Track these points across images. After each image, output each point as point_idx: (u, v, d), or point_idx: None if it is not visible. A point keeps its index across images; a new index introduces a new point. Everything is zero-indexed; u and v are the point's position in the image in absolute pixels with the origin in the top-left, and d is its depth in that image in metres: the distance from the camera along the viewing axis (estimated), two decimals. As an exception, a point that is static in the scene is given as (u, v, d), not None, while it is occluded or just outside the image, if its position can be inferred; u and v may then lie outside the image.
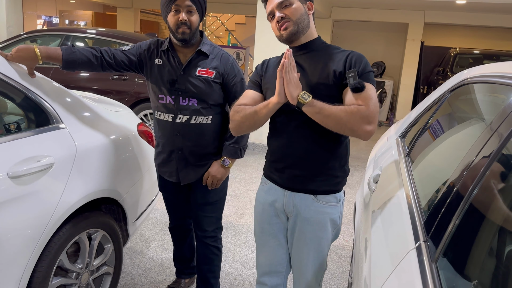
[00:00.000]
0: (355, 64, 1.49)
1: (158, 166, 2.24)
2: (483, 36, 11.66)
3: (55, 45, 5.64)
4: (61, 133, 1.89)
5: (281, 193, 1.67)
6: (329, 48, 1.60)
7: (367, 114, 1.40)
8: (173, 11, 1.91)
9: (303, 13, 1.56)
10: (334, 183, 1.62)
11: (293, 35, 1.56)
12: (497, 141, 1.12)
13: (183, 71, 2.00)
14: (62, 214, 1.79)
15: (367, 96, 1.43)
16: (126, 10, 12.05)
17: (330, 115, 1.42)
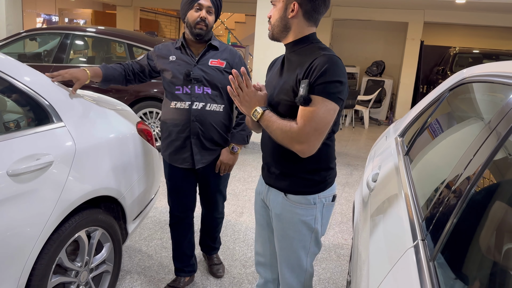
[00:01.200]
0: (313, 72, 1.41)
1: (169, 155, 2.36)
2: (483, 36, 11.66)
3: (55, 44, 5.64)
4: (60, 131, 1.89)
5: (264, 186, 1.74)
6: (311, 48, 1.53)
7: (298, 134, 1.41)
8: (195, 8, 2.18)
9: (279, 17, 1.54)
10: (306, 184, 1.59)
11: (272, 38, 1.60)
12: (495, 140, 1.12)
13: (197, 62, 2.25)
14: (61, 212, 1.80)
15: (306, 114, 1.41)
16: (125, 8, 12.04)
17: (272, 132, 1.49)
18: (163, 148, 2.40)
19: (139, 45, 5.53)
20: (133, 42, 5.54)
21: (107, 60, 5.95)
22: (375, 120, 9.22)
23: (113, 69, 2.24)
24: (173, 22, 16.39)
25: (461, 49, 9.64)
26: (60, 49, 5.52)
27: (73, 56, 5.82)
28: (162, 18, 15.61)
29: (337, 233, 3.54)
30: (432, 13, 9.22)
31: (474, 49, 9.85)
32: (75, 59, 5.87)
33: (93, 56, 6.09)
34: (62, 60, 5.48)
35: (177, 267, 2.58)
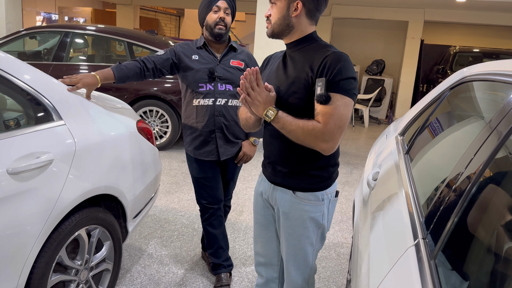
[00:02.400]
0: (328, 69, 1.42)
1: (194, 149, 2.46)
2: (483, 35, 11.66)
3: (54, 42, 5.63)
4: (60, 130, 1.89)
5: (268, 185, 1.72)
6: (318, 47, 1.53)
7: (322, 132, 1.41)
8: (213, 11, 2.32)
9: (282, 16, 1.53)
10: (314, 181, 1.61)
11: (272, 36, 1.59)
12: (496, 139, 1.12)
13: (220, 62, 2.40)
14: (61, 210, 1.79)
15: (328, 111, 1.41)
16: (125, 7, 12.03)
17: (290, 132, 1.46)
18: (187, 144, 2.50)
19: (139, 44, 5.53)
20: (133, 41, 5.53)
21: (107, 59, 5.94)
22: (375, 119, 9.22)
23: (127, 68, 2.28)
24: (173, 21, 16.39)
25: (461, 48, 9.64)
26: (60, 47, 5.51)
27: (73, 55, 5.81)
28: (162, 16, 15.60)
29: (337, 232, 3.54)
30: (432, 12, 9.21)
31: (474, 48, 9.85)
32: (75, 58, 5.87)
33: (93, 55, 6.08)
34: (62, 59, 5.48)
35: (215, 263, 2.61)
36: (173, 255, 2.95)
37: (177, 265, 2.82)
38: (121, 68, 2.27)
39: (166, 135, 5.49)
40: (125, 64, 2.31)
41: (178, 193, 4.11)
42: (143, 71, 2.33)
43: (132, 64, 2.31)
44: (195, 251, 3.01)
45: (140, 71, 2.32)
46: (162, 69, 2.37)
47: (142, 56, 2.38)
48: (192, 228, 3.37)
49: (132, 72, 2.30)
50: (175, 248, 3.04)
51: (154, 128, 5.47)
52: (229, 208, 2.81)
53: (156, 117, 5.44)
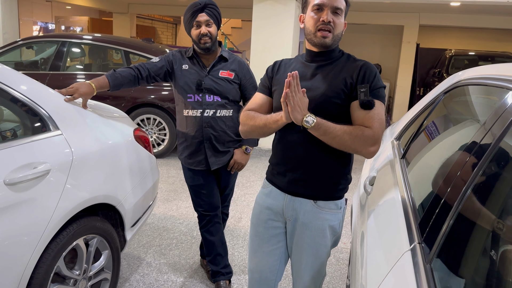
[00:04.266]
0: (368, 78, 1.49)
1: (185, 158, 2.48)
2: (478, 38, 11.73)
3: (51, 52, 5.64)
4: (57, 139, 1.89)
5: (281, 196, 1.66)
6: (345, 57, 1.61)
7: (372, 136, 1.44)
8: (195, 26, 2.30)
9: (342, 30, 1.58)
10: (336, 189, 1.61)
11: (326, 47, 1.57)
12: (489, 142, 1.13)
13: (208, 73, 2.38)
14: (59, 220, 1.79)
15: (374, 116, 1.46)
16: (122, 15, 12.07)
17: (335, 138, 1.45)
18: (180, 152, 2.52)
19: (135, 52, 5.54)
20: (130, 49, 5.55)
21: (104, 67, 5.96)
22: (373, 123, 9.23)
23: (122, 76, 2.30)
24: (169, 28, 16.44)
25: (456, 52, 9.69)
26: (57, 57, 5.53)
27: (70, 64, 5.83)
28: (159, 24, 15.65)
29: (336, 237, 3.53)
30: (427, 16, 9.27)
31: (470, 51, 9.90)
32: (72, 67, 5.88)
33: (89, 64, 6.10)
34: (59, 68, 5.49)
35: (214, 271, 2.61)
36: (172, 263, 2.94)
37: (176, 273, 2.81)
38: (115, 76, 2.29)
39: (164, 143, 5.49)
40: (119, 71, 2.32)
41: (176, 201, 4.11)
42: (137, 78, 2.35)
43: (127, 72, 2.33)
44: (194, 259, 3.01)
45: (134, 79, 2.34)
46: (156, 77, 2.39)
47: (137, 63, 2.40)
48: (190, 236, 3.36)
49: (127, 80, 2.32)
50: (173, 256, 3.03)
51: (151, 136, 5.47)
52: (227, 216, 2.81)
53: (154, 125, 5.44)
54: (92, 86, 2.19)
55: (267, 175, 1.77)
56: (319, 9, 1.53)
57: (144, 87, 5.22)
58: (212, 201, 2.52)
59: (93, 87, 2.19)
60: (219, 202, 2.57)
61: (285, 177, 1.64)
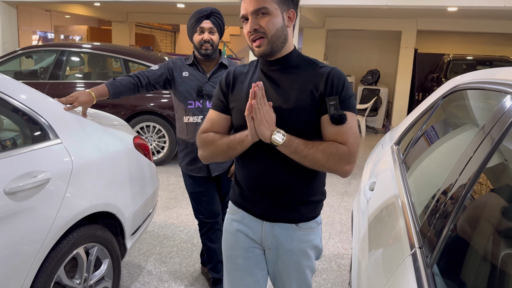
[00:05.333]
0: (337, 87, 1.33)
1: (186, 165, 2.47)
2: (476, 42, 11.78)
3: (51, 61, 5.66)
4: (57, 148, 1.90)
5: (258, 224, 1.48)
6: (307, 63, 1.42)
7: (348, 153, 1.30)
8: (198, 32, 2.32)
9: (279, 28, 1.34)
10: (317, 207, 1.49)
11: (267, 55, 1.37)
12: (488, 147, 1.13)
13: (209, 79, 2.41)
14: (59, 229, 1.79)
15: (347, 130, 1.31)
16: (121, 24, 12.13)
17: (307, 156, 1.30)
18: (180, 159, 2.52)
19: (135, 60, 5.57)
20: (129, 57, 5.57)
21: (104, 76, 5.98)
22: (372, 128, 9.25)
23: (121, 84, 2.31)
24: (168, 36, 16.51)
25: (455, 56, 9.72)
26: (56, 66, 5.55)
27: (69, 73, 5.85)
28: (158, 32, 15.73)
29: (337, 243, 3.53)
30: (424, 21, 9.31)
31: (468, 56, 9.93)
32: (71, 76, 5.90)
33: (89, 72, 6.12)
34: (58, 77, 5.51)
35: (215, 278, 2.61)
36: (172, 271, 2.93)
37: (177, 282, 2.80)
38: (115, 84, 2.30)
39: (164, 151, 5.49)
40: (119, 80, 2.33)
41: (176, 208, 4.10)
42: (137, 86, 2.36)
43: (126, 80, 2.34)
44: (194, 267, 3.00)
45: (134, 87, 2.35)
46: (155, 85, 2.40)
47: (137, 71, 2.41)
48: (191, 243, 3.35)
49: (126, 88, 2.33)
50: (174, 264, 3.02)
51: (151, 143, 5.48)
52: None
53: (153, 133, 5.45)
54: (91, 95, 2.20)
55: (234, 197, 1.56)
56: (246, 20, 1.36)
57: (144, 95, 5.23)
58: (212, 208, 2.52)
59: (93, 96, 2.20)
60: (220, 209, 2.57)
61: (261, 203, 1.45)
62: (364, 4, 6.02)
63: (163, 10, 11.38)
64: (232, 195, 1.57)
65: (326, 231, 3.75)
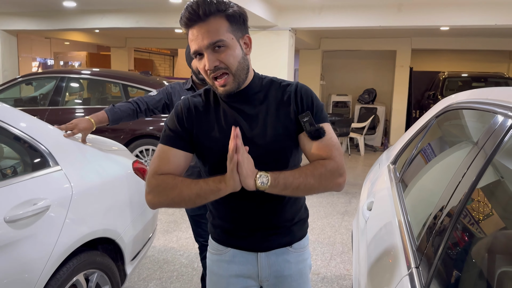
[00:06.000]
0: (306, 102, 1.28)
1: None
2: (470, 59, 11.94)
3: (50, 87, 5.73)
4: (57, 175, 1.92)
5: (252, 257, 1.39)
6: (269, 84, 1.34)
7: (336, 167, 1.22)
8: None
9: (241, 59, 1.23)
10: (305, 223, 1.45)
11: (234, 92, 1.26)
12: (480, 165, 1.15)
13: None
14: (59, 256, 1.80)
15: (328, 143, 1.25)
16: (119, 49, 12.30)
17: (299, 187, 1.19)
18: None
19: (134, 85, 5.64)
20: (128, 82, 5.64)
21: (103, 101, 6.04)
22: (371, 146, 9.29)
23: (121, 111, 2.35)
24: (167, 61, 16.71)
25: (450, 74, 9.84)
26: (56, 92, 5.61)
27: (68, 99, 5.91)
28: (156, 57, 15.92)
29: (338, 264, 3.51)
30: (418, 41, 9.47)
31: (463, 73, 10.06)
32: (71, 101, 5.96)
33: (88, 98, 6.18)
34: (58, 103, 5.56)
35: None
36: (173, 295, 2.90)
37: (178, 306, 2.77)
38: (115, 111, 2.34)
39: (163, 174, 5.50)
40: (118, 106, 2.37)
41: (176, 232, 4.09)
42: (136, 112, 2.40)
43: (126, 106, 2.38)
44: (195, 291, 2.97)
45: (133, 113, 2.39)
46: (154, 110, 2.44)
47: (135, 97, 2.45)
48: (191, 268, 3.33)
49: (125, 114, 2.37)
50: (175, 289, 3.00)
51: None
52: None
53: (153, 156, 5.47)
54: (91, 122, 2.23)
55: (216, 236, 1.44)
56: (200, 55, 1.22)
57: (143, 119, 5.28)
58: None
59: (93, 123, 2.24)
60: None
61: (253, 236, 1.37)
62: (359, 25, 6.14)
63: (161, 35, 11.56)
64: (214, 234, 1.45)
65: (327, 251, 3.73)
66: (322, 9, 6.12)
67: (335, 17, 6.11)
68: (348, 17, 6.10)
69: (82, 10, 7.55)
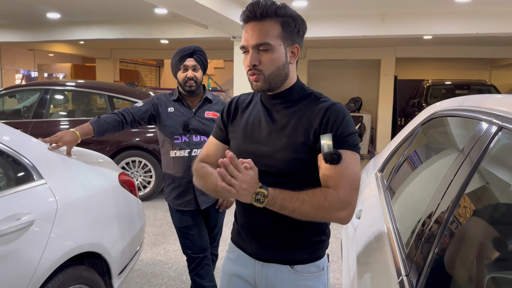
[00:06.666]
0: (332, 124, 1.23)
1: (173, 199, 2.46)
2: (453, 67, 12.18)
3: (34, 99, 5.66)
4: (41, 189, 1.88)
5: (252, 263, 1.38)
6: (308, 97, 1.34)
7: (337, 199, 1.17)
8: (182, 69, 2.37)
9: (280, 66, 1.27)
10: (315, 249, 1.34)
11: (264, 91, 1.31)
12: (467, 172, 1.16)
13: (194, 114, 2.43)
14: (44, 272, 1.75)
15: (341, 172, 1.19)
16: (105, 60, 12.24)
17: (295, 211, 1.18)
18: (167, 194, 2.50)
19: (119, 96, 5.59)
20: (113, 94, 5.60)
21: (88, 113, 5.98)
22: (357, 155, 9.35)
23: (106, 122, 2.32)
24: (153, 71, 16.67)
25: (434, 82, 10.00)
26: (40, 104, 5.54)
27: (53, 111, 5.83)
28: (142, 68, 15.87)
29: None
30: (402, 50, 9.63)
31: (446, 81, 10.24)
32: (55, 114, 5.88)
33: (73, 110, 6.12)
34: (42, 116, 5.49)
35: None
36: (161, 309, 2.86)
37: (166, 320, 2.72)
38: (100, 122, 2.31)
39: (150, 185, 5.45)
40: (104, 118, 2.34)
41: (164, 244, 4.04)
42: (121, 123, 2.37)
43: (111, 118, 2.36)
44: (184, 304, 2.93)
45: (118, 124, 2.36)
46: (140, 121, 2.42)
47: (121, 108, 2.42)
48: (180, 281, 3.29)
49: (111, 126, 2.34)
50: (163, 302, 2.95)
51: (137, 178, 5.43)
52: (217, 257, 2.77)
53: (139, 168, 5.42)
54: (76, 134, 2.20)
55: (232, 235, 1.48)
56: (246, 51, 1.29)
57: (129, 130, 5.24)
58: (200, 242, 2.48)
59: (78, 135, 2.20)
60: (208, 243, 2.54)
61: (253, 241, 1.37)
62: (344, 35, 6.22)
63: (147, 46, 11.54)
64: (232, 233, 1.49)
65: (316, 260, 3.71)
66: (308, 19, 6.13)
67: (320, 27, 6.18)
68: (333, 27, 6.17)
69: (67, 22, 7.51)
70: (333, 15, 6.07)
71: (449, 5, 5.47)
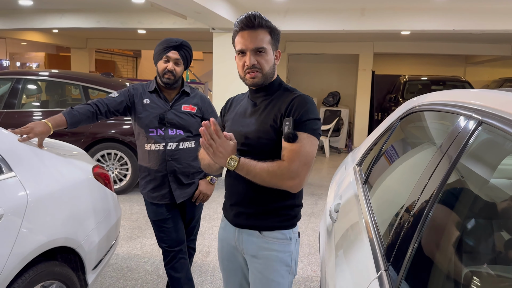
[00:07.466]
0: (295, 110, 1.50)
1: (148, 192, 2.43)
2: (429, 63, 12.39)
3: (5, 89, 5.46)
4: (10, 182, 1.81)
5: (232, 229, 1.67)
6: (283, 91, 1.61)
7: (287, 170, 1.43)
8: (163, 60, 2.32)
9: (272, 65, 1.57)
10: (281, 219, 1.59)
11: (258, 85, 1.58)
12: (445, 166, 1.16)
13: (171, 107, 2.38)
14: (13, 267, 1.69)
15: (295, 149, 1.45)
16: (80, 50, 11.94)
17: (256, 176, 1.46)
18: (142, 186, 2.46)
19: (94, 87, 5.46)
20: (89, 84, 5.46)
21: (62, 104, 5.82)
22: (335, 148, 9.43)
23: (79, 113, 2.24)
24: (129, 62, 16.37)
25: (410, 77, 10.15)
26: (11, 94, 5.35)
27: (25, 101, 5.65)
28: (119, 58, 15.56)
29: (306, 265, 3.51)
30: (380, 45, 9.72)
31: (423, 76, 10.40)
32: (28, 104, 5.70)
33: (46, 100, 5.94)
34: (13, 106, 5.31)
35: None
36: (137, 304, 2.81)
37: (142, 315, 2.68)
38: (73, 113, 2.23)
39: (126, 178, 5.35)
40: (77, 108, 2.26)
41: (140, 238, 3.98)
42: (95, 114, 2.30)
43: (85, 109, 2.27)
44: (161, 298, 2.89)
45: (92, 115, 2.29)
46: (115, 112, 2.35)
47: (95, 99, 2.35)
48: (156, 275, 3.24)
49: (85, 117, 2.26)
50: (139, 297, 2.91)
51: (113, 171, 5.33)
52: (194, 250, 2.74)
53: (115, 160, 5.31)
54: (48, 125, 2.12)
55: (222, 207, 1.77)
56: (242, 53, 1.55)
57: (104, 122, 5.12)
58: (176, 236, 2.45)
59: (50, 126, 2.12)
60: (184, 236, 2.51)
61: (231, 211, 1.66)
62: (323, 29, 6.21)
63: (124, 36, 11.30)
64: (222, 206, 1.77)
65: (294, 254, 3.73)
66: (287, 12, 6.16)
67: (300, 20, 6.16)
68: (312, 21, 6.16)
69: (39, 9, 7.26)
70: (313, 8, 6.05)
71: (427, 2, 5.53)
